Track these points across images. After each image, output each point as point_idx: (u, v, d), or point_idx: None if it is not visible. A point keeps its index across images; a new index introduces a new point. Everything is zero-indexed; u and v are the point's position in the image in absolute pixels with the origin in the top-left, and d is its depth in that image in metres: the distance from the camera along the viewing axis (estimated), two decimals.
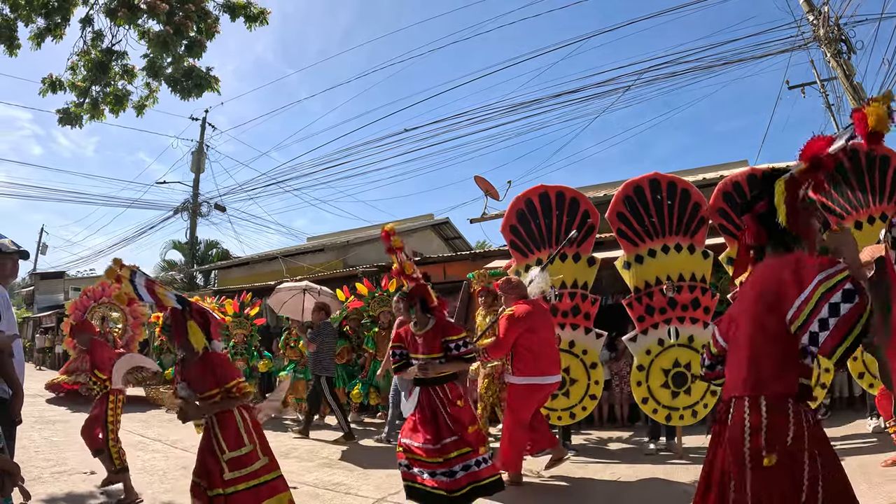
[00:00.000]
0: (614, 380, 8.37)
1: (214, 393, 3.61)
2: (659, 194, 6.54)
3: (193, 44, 6.87)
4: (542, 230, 6.80)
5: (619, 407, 8.67)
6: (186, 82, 7.09)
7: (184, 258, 25.21)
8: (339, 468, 6.33)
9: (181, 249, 25.30)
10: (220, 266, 22.08)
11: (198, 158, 24.04)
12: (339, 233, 22.13)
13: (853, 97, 12.08)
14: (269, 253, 20.05)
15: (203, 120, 24.67)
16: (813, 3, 12.81)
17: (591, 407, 6.56)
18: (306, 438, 8.40)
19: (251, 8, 7.05)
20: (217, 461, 3.54)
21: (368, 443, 8.06)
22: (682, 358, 6.34)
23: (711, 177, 10.53)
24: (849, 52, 12.42)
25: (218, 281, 21.74)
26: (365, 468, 6.43)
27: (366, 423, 9.67)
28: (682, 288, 6.42)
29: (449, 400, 4.43)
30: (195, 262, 24.52)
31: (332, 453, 7.26)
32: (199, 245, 25.65)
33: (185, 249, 24.89)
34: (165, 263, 26.30)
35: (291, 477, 6.10)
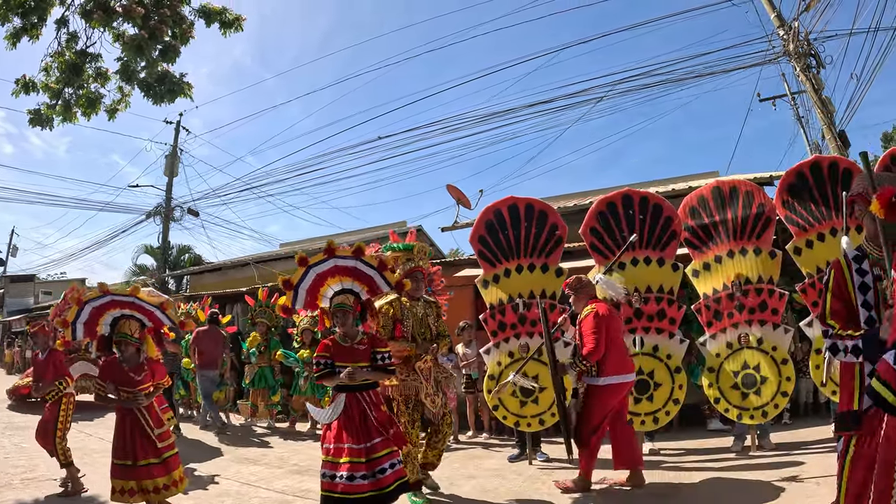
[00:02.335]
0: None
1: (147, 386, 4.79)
2: (631, 209, 6.71)
3: (168, 48, 6.85)
4: (510, 241, 6.96)
5: None
6: (159, 87, 7.06)
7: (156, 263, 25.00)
8: (308, 475, 6.34)
9: (153, 254, 25.11)
10: (192, 271, 21.94)
11: (171, 162, 23.84)
12: (312, 239, 22.06)
13: (821, 110, 12.35)
14: (242, 259, 19.94)
15: (177, 123, 24.51)
16: (783, 18, 13.09)
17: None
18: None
19: (226, 14, 7.05)
20: (149, 437, 4.64)
21: None
22: (646, 366, 6.52)
23: (680, 188, 10.69)
24: (818, 67, 12.70)
25: (190, 286, 21.61)
26: None
27: None
28: (649, 299, 6.59)
29: (375, 404, 4.57)
30: (167, 267, 24.31)
31: (301, 460, 7.28)
32: (172, 250, 25.48)
33: (157, 254, 24.69)
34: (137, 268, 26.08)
35: (261, 484, 6.17)
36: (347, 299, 4.70)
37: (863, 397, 2.72)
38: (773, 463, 5.89)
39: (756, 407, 6.29)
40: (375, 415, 4.50)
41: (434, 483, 5.59)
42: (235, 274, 18.61)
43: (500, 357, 6.87)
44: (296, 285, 4.82)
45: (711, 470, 5.88)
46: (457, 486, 5.69)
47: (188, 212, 23.61)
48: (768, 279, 6.45)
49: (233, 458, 7.62)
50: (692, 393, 7.41)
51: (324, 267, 4.79)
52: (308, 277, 4.82)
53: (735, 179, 6.94)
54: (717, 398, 6.48)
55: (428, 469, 5.56)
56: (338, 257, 4.78)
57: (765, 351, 6.35)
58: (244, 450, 8.18)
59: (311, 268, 4.78)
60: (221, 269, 19.77)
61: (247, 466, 7.05)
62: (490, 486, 5.79)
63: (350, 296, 4.76)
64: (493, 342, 6.92)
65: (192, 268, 22.85)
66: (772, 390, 6.25)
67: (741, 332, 6.44)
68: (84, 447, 7.56)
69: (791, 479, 5.15)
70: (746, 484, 5.25)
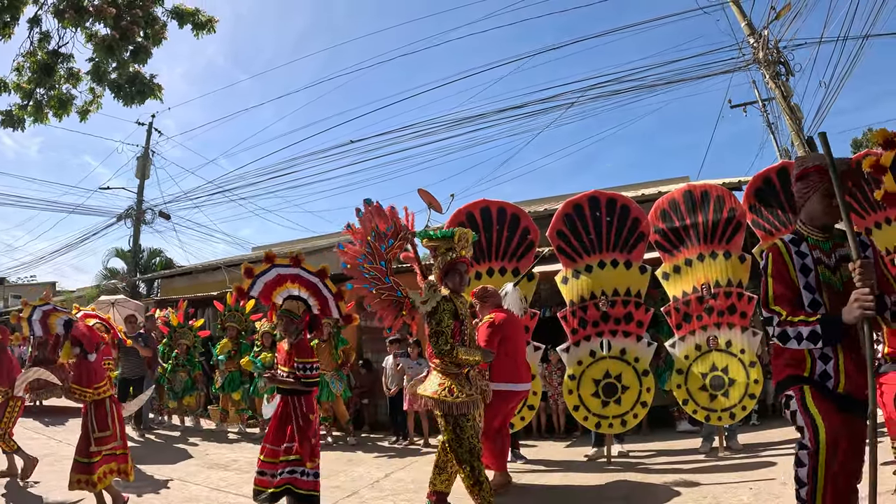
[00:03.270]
0: (549, 391, 8.60)
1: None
2: (598, 211, 6.76)
3: (139, 49, 6.77)
4: (482, 244, 6.93)
5: (555, 417, 8.95)
6: (130, 88, 6.97)
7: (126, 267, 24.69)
8: None
9: (124, 257, 24.74)
10: (163, 275, 21.71)
11: (143, 164, 23.55)
12: (283, 243, 21.99)
13: (790, 117, 12.56)
14: (213, 262, 19.78)
15: (149, 125, 24.21)
16: (754, 26, 13.29)
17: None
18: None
19: (199, 15, 6.99)
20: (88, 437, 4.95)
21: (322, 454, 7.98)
22: (613, 369, 6.58)
23: (650, 192, 10.80)
24: (787, 74, 12.91)
25: (161, 290, 21.38)
26: None
27: None
28: (615, 302, 6.64)
29: (302, 413, 4.65)
30: (138, 270, 24.02)
31: None
32: (143, 253, 25.17)
33: (128, 257, 24.33)
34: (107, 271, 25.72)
35: (231, 489, 6.12)
36: (297, 307, 4.87)
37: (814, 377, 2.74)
38: (741, 464, 5.96)
39: (724, 409, 6.36)
40: (300, 423, 4.61)
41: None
42: (206, 278, 18.45)
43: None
44: (257, 275, 5.03)
45: (680, 472, 5.93)
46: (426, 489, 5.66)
47: (160, 215, 23.31)
48: (738, 283, 6.53)
49: (203, 463, 7.53)
50: (661, 395, 7.50)
51: (285, 271, 5.02)
52: (269, 273, 5.04)
53: (707, 184, 7.02)
54: (686, 400, 6.55)
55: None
56: (302, 268, 5.02)
57: (733, 353, 6.43)
58: (214, 455, 8.09)
59: (258, 277, 5.04)
60: (192, 273, 19.59)
61: (216, 472, 6.98)
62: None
63: (301, 304, 4.93)
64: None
65: (163, 271, 22.60)
66: (740, 392, 6.32)
67: (710, 335, 6.52)
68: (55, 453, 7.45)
69: (759, 480, 5.21)
70: (715, 485, 5.29)
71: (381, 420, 9.81)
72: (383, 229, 5.17)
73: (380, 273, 5.12)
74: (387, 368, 9.18)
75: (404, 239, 5.26)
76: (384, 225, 5.19)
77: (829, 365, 2.71)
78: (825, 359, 2.71)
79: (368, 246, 5.15)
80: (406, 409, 8.74)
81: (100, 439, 5.06)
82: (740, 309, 6.44)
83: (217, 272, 17.84)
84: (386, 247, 5.17)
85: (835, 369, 2.70)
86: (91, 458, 4.97)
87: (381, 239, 5.16)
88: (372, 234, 5.14)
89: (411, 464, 7.19)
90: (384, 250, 5.16)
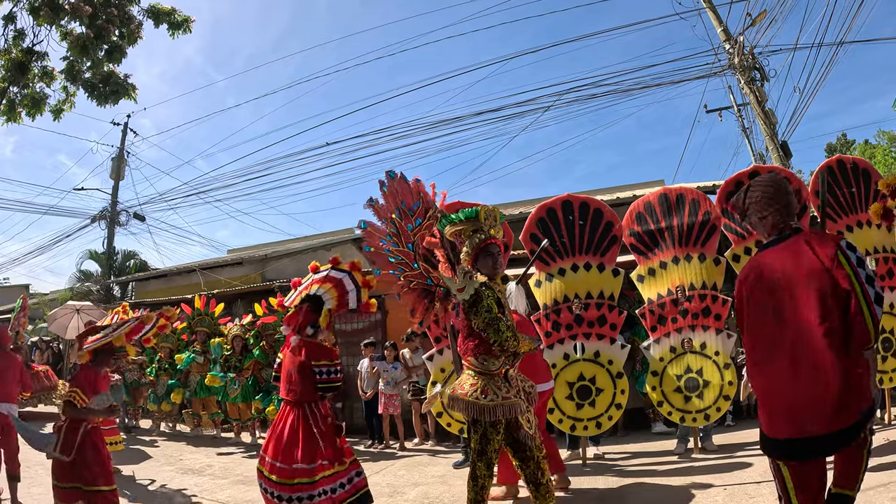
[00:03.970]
0: None
1: None
2: (571, 215, 6.76)
3: (114, 49, 6.72)
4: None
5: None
6: (103, 88, 6.92)
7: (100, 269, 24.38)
8: (253, 485, 6.24)
9: (98, 260, 24.44)
10: (137, 278, 21.45)
11: (118, 165, 23.32)
12: (258, 246, 21.88)
13: (764, 122, 12.72)
14: (188, 265, 19.60)
15: (124, 125, 23.97)
16: (730, 32, 13.45)
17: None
18: None
19: (175, 15, 6.95)
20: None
21: None
22: (587, 372, 6.58)
23: (625, 196, 10.88)
24: (762, 80, 13.08)
25: (135, 293, 21.14)
26: None
27: None
28: (589, 305, 6.66)
29: (315, 420, 4.17)
30: (112, 273, 23.73)
31: (246, 470, 7.16)
32: (117, 256, 24.84)
33: (102, 260, 24.04)
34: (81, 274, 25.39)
35: (204, 494, 6.09)
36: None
37: None
38: (716, 465, 6.00)
39: (699, 410, 6.41)
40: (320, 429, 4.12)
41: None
42: (181, 280, 18.28)
43: (444, 364, 6.71)
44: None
45: (656, 473, 5.96)
46: (401, 493, 5.67)
47: (134, 216, 23.12)
48: (712, 285, 6.56)
49: (177, 468, 7.47)
50: (637, 397, 7.54)
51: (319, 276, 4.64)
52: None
53: (682, 187, 7.06)
54: (661, 401, 6.59)
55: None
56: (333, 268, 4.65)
57: (708, 355, 6.46)
58: (189, 460, 8.03)
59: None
60: (167, 276, 19.42)
61: (191, 477, 6.93)
62: (434, 493, 5.79)
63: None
64: (437, 348, 6.80)
65: (138, 274, 22.33)
66: (714, 394, 6.37)
67: (685, 337, 6.55)
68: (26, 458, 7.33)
69: (734, 481, 5.26)
70: (690, 486, 5.32)
71: (357, 424, 9.77)
72: (409, 206, 4.67)
73: (406, 257, 4.67)
74: (362, 371, 9.13)
75: (433, 218, 4.61)
76: (411, 201, 4.68)
77: None
78: None
79: (393, 225, 4.66)
80: (381, 413, 8.71)
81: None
82: (714, 311, 6.49)
83: (192, 275, 17.70)
84: (413, 227, 4.66)
85: None
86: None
87: (406, 217, 4.66)
88: (396, 211, 4.64)
89: (386, 468, 7.17)
90: (411, 231, 4.65)
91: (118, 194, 23.53)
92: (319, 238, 19.94)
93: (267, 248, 20.06)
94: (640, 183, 14.16)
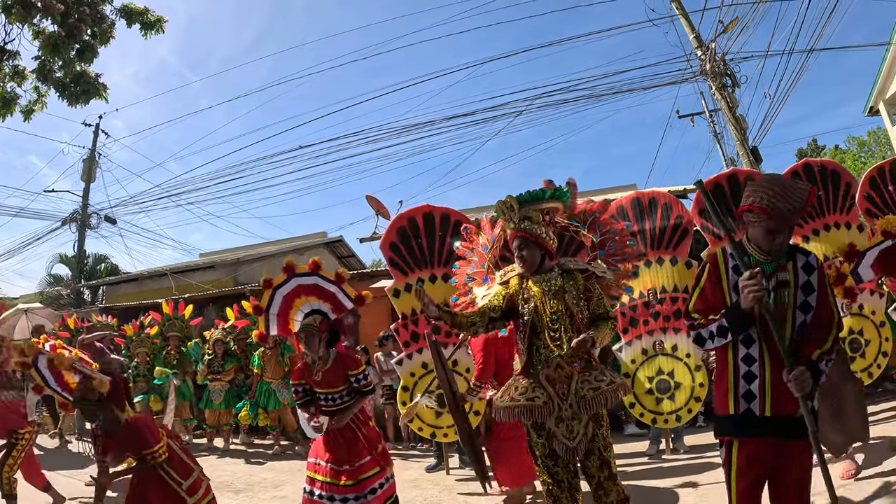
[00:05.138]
0: None
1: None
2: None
3: (86, 48, 6.65)
4: (423, 249, 6.74)
5: None
6: (74, 87, 6.83)
7: (71, 273, 24.03)
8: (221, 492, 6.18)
9: (68, 263, 24.08)
10: (108, 282, 21.14)
11: (89, 167, 22.99)
12: (231, 249, 21.72)
13: (735, 127, 12.89)
14: (159, 269, 19.37)
15: (96, 126, 23.64)
16: (702, 39, 13.62)
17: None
18: None
19: (148, 15, 6.90)
20: (174, 492, 3.76)
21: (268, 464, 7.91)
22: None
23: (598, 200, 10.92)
24: (733, 86, 13.26)
25: (106, 297, 20.86)
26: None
27: (256, 445, 9.53)
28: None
29: (363, 421, 4.45)
30: (83, 276, 23.40)
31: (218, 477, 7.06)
32: (88, 259, 24.49)
33: (72, 263, 23.69)
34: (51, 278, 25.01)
35: None
36: (314, 320, 4.53)
37: (738, 398, 2.71)
38: (687, 465, 6.08)
39: (670, 411, 6.47)
40: (365, 432, 4.38)
41: None
42: (152, 285, 18.04)
43: (413, 368, 6.65)
44: (265, 310, 4.76)
45: (627, 475, 5.99)
46: None
47: (105, 219, 22.83)
48: (683, 288, 6.62)
49: None
50: None
51: (287, 287, 4.75)
52: (275, 301, 4.78)
53: (655, 191, 7.12)
54: (633, 403, 6.63)
55: None
56: (299, 275, 4.74)
57: (679, 357, 6.54)
58: None
59: (276, 290, 4.76)
60: (138, 280, 19.19)
61: None
62: (407, 497, 5.78)
63: (318, 316, 4.60)
64: (406, 353, 6.69)
65: (109, 278, 22.00)
66: (685, 395, 6.44)
67: (656, 339, 6.62)
68: None
69: (705, 481, 5.31)
70: (661, 486, 5.38)
71: None
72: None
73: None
74: None
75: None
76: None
77: (753, 384, 2.67)
78: (749, 378, 2.68)
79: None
80: None
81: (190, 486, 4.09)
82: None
83: (164, 279, 17.47)
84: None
85: (760, 388, 2.65)
86: None
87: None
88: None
89: None
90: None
91: (89, 196, 23.21)
92: (292, 242, 19.88)
93: (239, 251, 19.93)
94: (613, 187, 14.31)
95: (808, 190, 2.63)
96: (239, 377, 9.61)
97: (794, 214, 2.59)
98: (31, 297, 22.96)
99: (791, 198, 2.57)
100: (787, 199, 2.56)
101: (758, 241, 2.73)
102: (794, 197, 2.57)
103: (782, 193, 2.58)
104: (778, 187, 2.61)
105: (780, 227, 2.61)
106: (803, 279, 2.69)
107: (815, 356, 2.55)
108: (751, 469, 2.65)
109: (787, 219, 2.59)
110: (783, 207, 2.56)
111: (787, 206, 2.56)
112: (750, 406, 2.67)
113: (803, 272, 2.70)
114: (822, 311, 2.66)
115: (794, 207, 2.57)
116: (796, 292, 2.67)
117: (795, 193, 2.58)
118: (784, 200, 2.56)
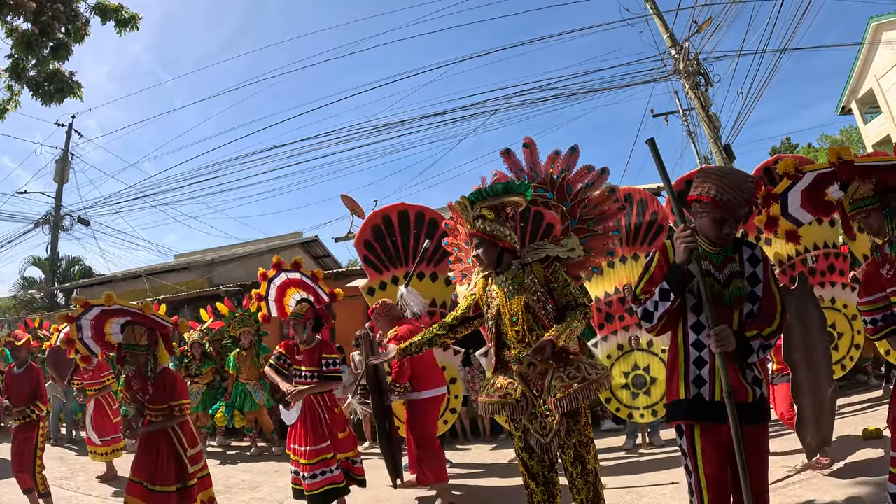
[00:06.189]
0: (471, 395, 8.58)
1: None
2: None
3: (59, 46, 6.59)
4: (398, 248, 6.77)
5: (480, 421, 9.14)
6: (48, 86, 6.76)
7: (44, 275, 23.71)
8: None
9: (41, 266, 23.76)
10: (81, 284, 20.87)
11: (62, 167, 22.66)
12: (205, 251, 21.55)
13: (708, 126, 13.04)
14: (133, 271, 19.19)
15: (69, 126, 23.30)
16: (676, 38, 13.74)
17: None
18: None
19: (122, 12, 6.86)
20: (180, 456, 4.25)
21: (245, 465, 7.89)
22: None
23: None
24: (706, 85, 13.40)
25: None
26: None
27: (233, 447, 9.49)
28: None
29: (328, 406, 5.04)
30: (56, 279, 23.10)
31: None
32: (61, 261, 24.18)
33: (45, 266, 23.38)
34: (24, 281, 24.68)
35: None
36: (302, 308, 5.17)
37: (689, 383, 2.73)
38: (663, 460, 6.14)
39: (646, 406, 6.53)
40: (328, 418, 4.98)
41: None
42: (127, 287, 17.82)
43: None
44: (270, 278, 5.67)
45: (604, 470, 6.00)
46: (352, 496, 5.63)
47: (78, 220, 22.52)
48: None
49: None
50: None
51: (279, 279, 5.65)
52: (271, 290, 5.75)
53: (630, 187, 7.17)
54: (609, 398, 6.68)
55: None
56: (286, 270, 5.58)
57: (654, 353, 6.60)
58: None
59: (270, 281, 5.69)
60: (112, 282, 18.96)
61: None
62: (384, 496, 5.82)
63: (305, 304, 5.26)
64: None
65: (82, 280, 21.75)
66: (661, 390, 6.44)
67: (632, 335, 6.67)
68: None
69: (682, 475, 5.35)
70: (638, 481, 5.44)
71: None
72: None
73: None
74: None
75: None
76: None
77: (704, 370, 2.70)
78: (700, 363, 2.72)
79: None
80: None
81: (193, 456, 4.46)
82: None
83: (138, 281, 17.30)
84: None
85: (710, 374, 2.68)
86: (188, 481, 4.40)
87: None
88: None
89: None
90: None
91: (62, 198, 22.89)
92: (268, 242, 19.80)
93: (214, 252, 19.83)
94: None
95: (756, 181, 2.73)
96: (215, 379, 9.55)
97: (741, 205, 2.66)
98: (4, 300, 22.67)
99: (738, 188, 2.65)
100: (734, 190, 2.64)
101: (705, 232, 2.78)
102: (741, 188, 2.66)
103: (730, 184, 2.66)
104: (726, 178, 2.69)
105: (726, 216, 2.67)
106: (749, 271, 2.75)
107: (765, 333, 2.62)
108: (718, 453, 2.66)
109: (734, 209, 2.66)
110: (730, 198, 2.64)
111: (735, 196, 2.64)
112: (700, 391, 2.70)
113: (749, 264, 2.76)
114: (767, 300, 2.73)
115: (742, 198, 2.65)
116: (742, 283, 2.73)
117: (743, 184, 2.67)
118: (731, 191, 2.64)
